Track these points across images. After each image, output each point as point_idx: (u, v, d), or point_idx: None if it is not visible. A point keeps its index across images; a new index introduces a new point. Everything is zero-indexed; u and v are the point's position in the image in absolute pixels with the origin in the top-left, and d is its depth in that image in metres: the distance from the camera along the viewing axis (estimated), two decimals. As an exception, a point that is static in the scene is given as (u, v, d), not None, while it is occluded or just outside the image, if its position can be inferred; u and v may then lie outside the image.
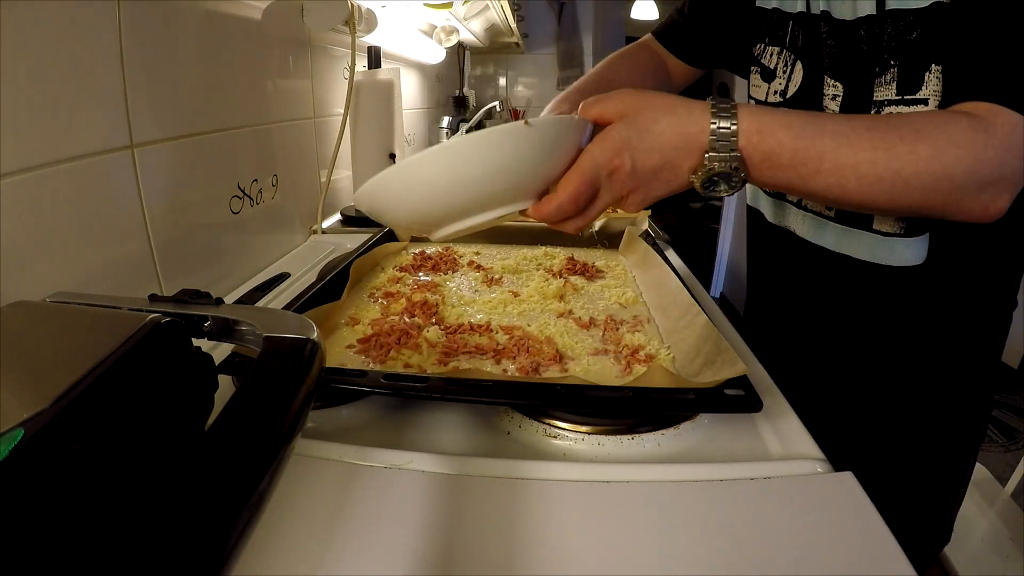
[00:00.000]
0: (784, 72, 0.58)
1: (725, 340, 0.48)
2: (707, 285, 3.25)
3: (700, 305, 0.57)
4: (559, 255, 0.84)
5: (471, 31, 1.70)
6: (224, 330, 0.34)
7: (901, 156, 0.39)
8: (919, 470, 0.61)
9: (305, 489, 0.37)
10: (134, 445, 0.24)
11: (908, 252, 0.51)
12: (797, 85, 0.57)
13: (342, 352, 0.54)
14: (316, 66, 0.97)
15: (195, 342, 0.31)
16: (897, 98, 0.48)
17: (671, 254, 0.89)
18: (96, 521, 0.20)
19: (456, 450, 0.42)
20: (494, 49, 2.39)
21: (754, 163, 0.40)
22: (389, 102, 1.04)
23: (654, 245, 0.80)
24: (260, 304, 0.69)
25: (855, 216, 0.53)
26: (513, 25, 1.85)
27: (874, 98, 0.49)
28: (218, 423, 0.22)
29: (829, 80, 0.53)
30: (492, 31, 2.03)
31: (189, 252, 0.66)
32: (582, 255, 0.84)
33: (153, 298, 0.35)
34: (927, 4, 0.45)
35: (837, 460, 0.42)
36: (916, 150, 0.39)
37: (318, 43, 0.97)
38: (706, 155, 0.40)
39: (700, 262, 3.17)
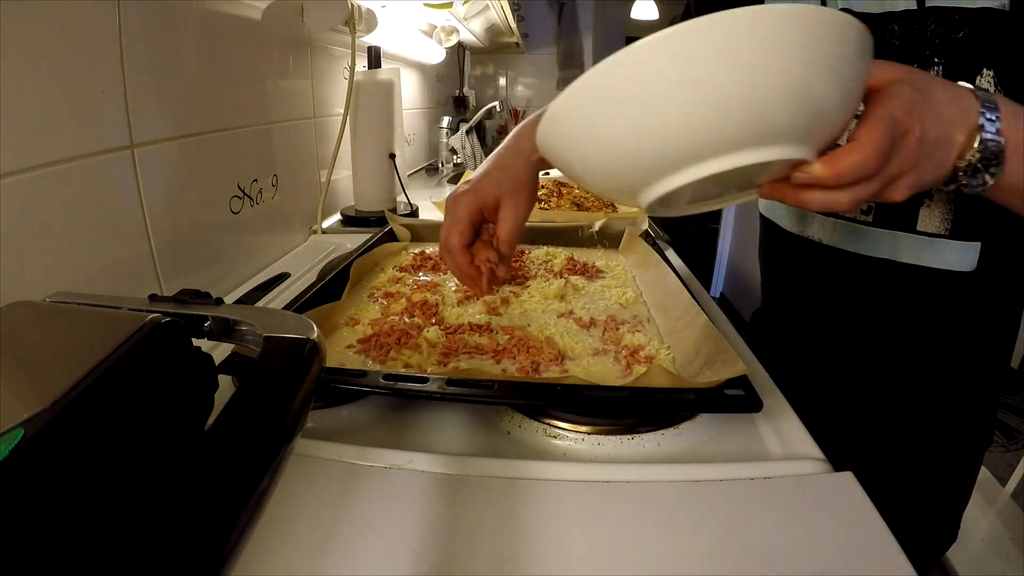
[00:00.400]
0: None
1: (725, 340, 0.48)
2: (707, 285, 3.25)
3: (700, 305, 0.57)
4: (559, 255, 0.84)
5: (471, 31, 1.70)
6: (224, 330, 0.34)
7: None
8: (926, 471, 0.61)
9: (305, 489, 0.37)
10: (134, 445, 0.24)
11: (953, 255, 0.50)
12: None
13: (342, 352, 0.54)
14: (316, 66, 0.97)
15: (195, 342, 0.31)
16: None
17: (671, 254, 0.89)
18: (96, 521, 0.20)
19: (456, 450, 0.42)
20: (494, 49, 2.39)
21: (1011, 149, 0.36)
22: (389, 102, 1.04)
23: (654, 245, 0.80)
24: (260, 304, 0.69)
25: (897, 218, 0.51)
26: (513, 25, 1.85)
27: None
28: (218, 423, 0.22)
29: None
30: (492, 31, 2.03)
31: (189, 252, 0.66)
32: (582, 255, 0.84)
33: (153, 298, 0.35)
34: (975, 6, 0.44)
35: (837, 460, 0.42)
36: None
37: (318, 43, 0.97)
38: (978, 133, 0.35)
39: (700, 262, 3.17)
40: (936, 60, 0.46)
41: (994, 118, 0.35)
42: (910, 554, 0.33)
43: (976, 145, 0.35)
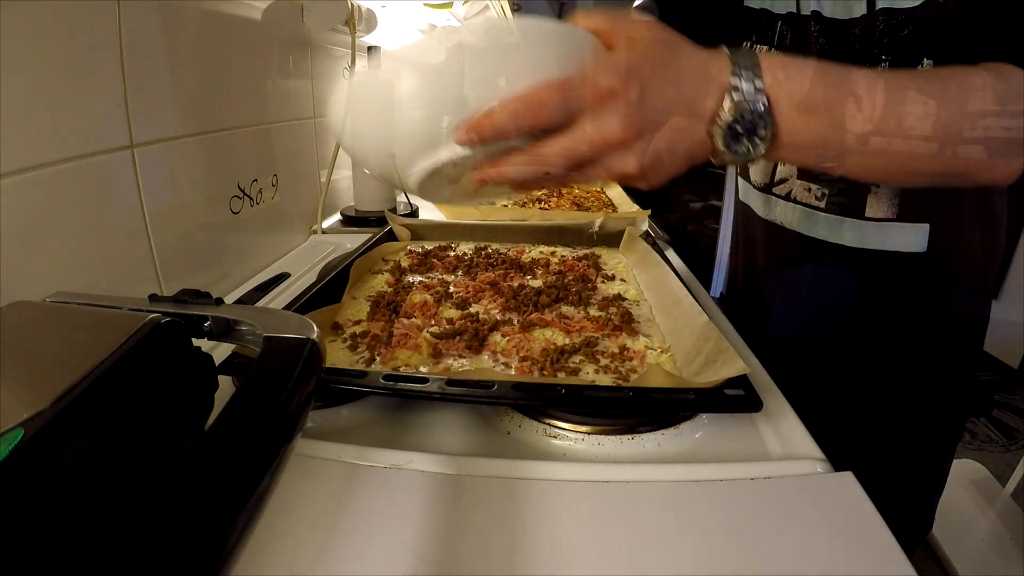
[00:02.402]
0: None
1: (725, 340, 0.48)
2: (707, 285, 3.24)
3: (700, 305, 0.57)
4: (559, 254, 0.84)
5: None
6: (224, 330, 0.34)
7: (952, 97, 0.35)
8: (907, 462, 0.62)
9: (305, 489, 0.37)
10: (134, 445, 0.24)
11: (902, 237, 0.52)
12: None
13: (342, 351, 0.54)
14: (316, 66, 0.96)
15: (195, 342, 0.31)
16: None
17: (671, 254, 0.89)
18: (96, 521, 0.20)
19: (456, 450, 0.42)
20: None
21: (782, 106, 0.34)
22: (389, 102, 1.04)
23: (654, 245, 0.80)
24: (260, 304, 0.69)
25: (845, 205, 0.54)
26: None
27: None
28: (218, 423, 0.22)
29: None
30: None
31: (189, 252, 0.66)
32: (582, 254, 0.84)
33: (153, 298, 0.35)
34: (918, 3, 0.46)
35: (836, 459, 0.42)
36: (964, 95, 0.36)
37: (318, 43, 0.96)
38: (729, 94, 0.33)
39: (700, 262, 3.17)
40: (884, 57, 0.48)
41: (751, 76, 0.33)
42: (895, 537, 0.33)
43: (726, 106, 0.33)
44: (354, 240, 0.91)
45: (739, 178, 0.68)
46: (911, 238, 0.52)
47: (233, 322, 0.34)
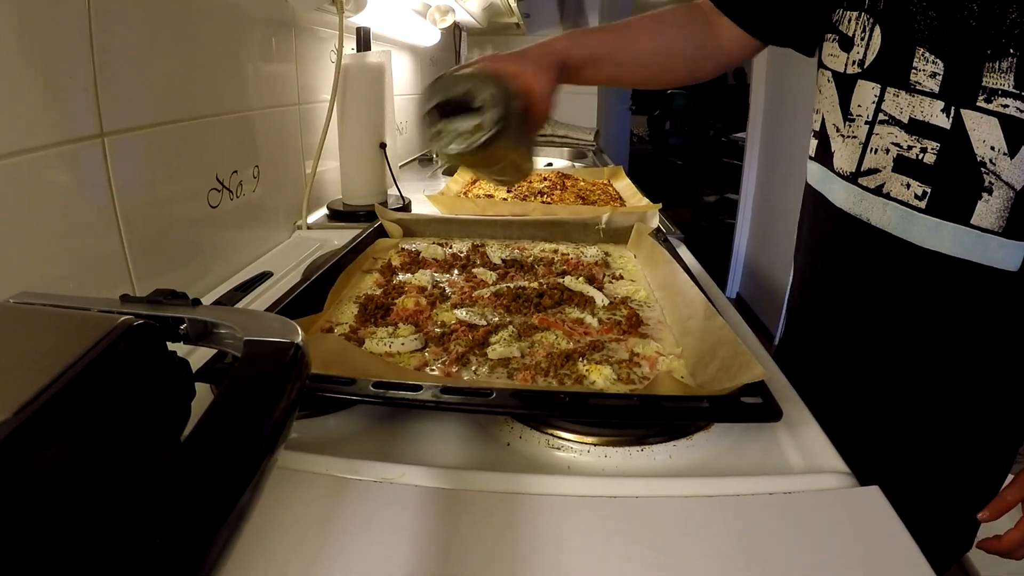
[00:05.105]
0: (862, 39, 0.56)
1: (742, 343, 0.48)
2: (722, 285, 3.25)
3: (715, 306, 0.57)
4: (561, 250, 0.84)
5: (468, 11, 1.70)
6: (202, 333, 0.34)
7: None
8: (953, 479, 0.61)
9: (289, 505, 0.37)
10: (105, 457, 0.24)
11: (1002, 253, 0.50)
12: (875, 54, 0.54)
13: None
14: (301, 49, 0.97)
15: (170, 346, 0.31)
16: (1014, 91, 0.46)
17: (683, 251, 0.89)
18: (64, 539, 0.20)
19: (452, 463, 0.42)
20: (493, 30, 2.39)
21: None
22: (379, 87, 1.04)
23: (665, 242, 0.80)
24: (240, 305, 0.69)
25: (952, 209, 0.52)
26: (513, 4, 1.85)
27: (983, 83, 0.48)
28: (195, 433, 0.22)
29: (926, 54, 0.51)
30: (490, 11, 2.02)
31: (164, 249, 0.66)
32: (588, 252, 0.84)
33: (125, 299, 0.35)
34: None
35: (862, 473, 0.42)
36: None
37: (303, 24, 0.97)
38: None
39: (714, 260, 3.17)
40: (1012, 51, 0.46)
41: None
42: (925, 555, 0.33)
43: None
44: (341, 236, 0.91)
45: (811, 161, 0.65)
46: (1008, 255, 0.50)
47: (211, 324, 0.34)
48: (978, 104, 0.48)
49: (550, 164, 1.60)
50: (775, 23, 0.64)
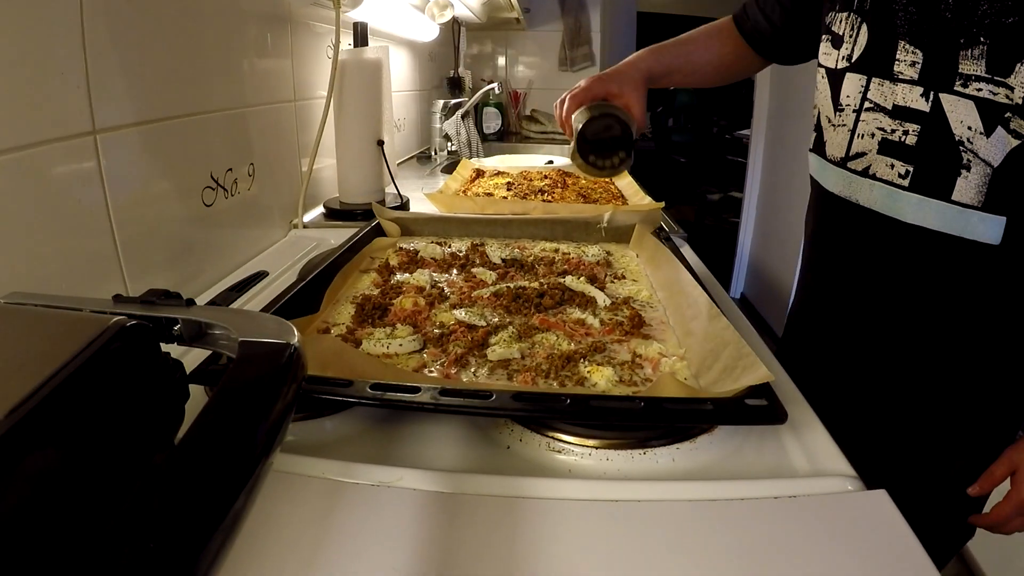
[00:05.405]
0: (850, 36, 0.61)
1: (747, 345, 0.48)
2: (726, 285, 3.24)
3: (719, 306, 0.57)
4: (562, 249, 0.84)
5: (467, 5, 1.70)
6: (196, 334, 0.34)
7: None
8: (952, 473, 0.63)
9: (284, 509, 0.37)
10: (97, 460, 0.24)
11: (983, 227, 0.54)
12: (862, 49, 0.60)
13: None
14: (297, 44, 0.97)
15: (164, 347, 0.31)
16: (986, 76, 0.50)
17: (687, 250, 0.89)
18: (56, 544, 0.20)
19: (451, 466, 0.42)
20: (492, 25, 2.39)
21: None
22: (377, 83, 1.04)
23: (668, 240, 0.80)
24: (235, 306, 0.69)
25: (933, 186, 0.56)
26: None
27: (959, 69, 0.52)
28: (189, 436, 0.22)
29: (907, 46, 0.56)
30: (490, 5, 2.02)
31: (157, 248, 0.66)
32: (589, 251, 0.84)
33: (118, 299, 0.35)
34: None
35: (868, 476, 0.42)
36: None
37: (299, 19, 0.97)
38: None
39: (718, 259, 3.17)
40: (982, 39, 0.50)
41: None
42: (930, 552, 0.34)
43: None
44: (338, 235, 0.91)
45: (811, 153, 0.70)
46: (992, 228, 0.54)
47: (206, 325, 0.34)
48: (955, 88, 0.52)
49: (551, 162, 1.60)
50: (782, 53, 0.80)
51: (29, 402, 0.22)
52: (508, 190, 1.22)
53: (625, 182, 1.29)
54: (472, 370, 0.53)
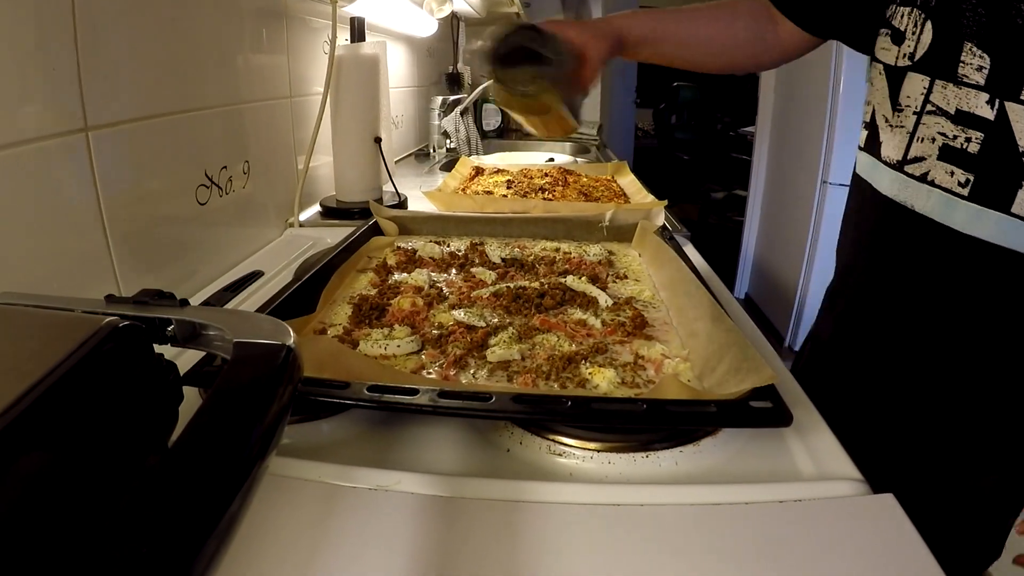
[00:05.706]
0: (913, 33, 0.59)
1: (751, 346, 0.48)
2: (730, 285, 3.24)
3: (723, 307, 0.57)
4: (563, 248, 0.84)
5: (466, 0, 1.70)
6: (190, 335, 0.34)
7: None
8: (985, 490, 0.62)
9: (280, 513, 0.37)
10: (89, 464, 0.24)
11: None
12: (925, 48, 0.58)
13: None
14: (293, 39, 0.97)
15: (157, 348, 0.31)
16: None
17: (690, 250, 0.89)
18: (47, 548, 0.20)
19: (450, 469, 0.42)
20: (492, 20, 2.39)
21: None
22: (374, 79, 1.04)
23: (671, 239, 0.80)
24: (230, 306, 0.69)
25: (993, 196, 0.54)
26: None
27: None
28: (183, 439, 0.22)
29: (974, 49, 0.54)
30: (489, 0, 2.03)
31: (150, 248, 0.66)
32: (591, 250, 0.84)
33: (110, 299, 0.35)
34: None
35: (875, 479, 0.42)
36: None
37: (295, 13, 0.97)
38: None
39: (722, 259, 3.17)
40: None
41: None
42: (948, 571, 0.33)
43: None
44: (335, 234, 0.91)
45: (860, 151, 0.68)
46: None
47: (200, 326, 0.34)
48: (1022, 97, 0.50)
49: (551, 159, 1.60)
50: (829, 20, 0.69)
51: (20, 404, 0.22)
52: (508, 188, 1.22)
53: (627, 180, 1.29)
54: (471, 372, 0.53)
